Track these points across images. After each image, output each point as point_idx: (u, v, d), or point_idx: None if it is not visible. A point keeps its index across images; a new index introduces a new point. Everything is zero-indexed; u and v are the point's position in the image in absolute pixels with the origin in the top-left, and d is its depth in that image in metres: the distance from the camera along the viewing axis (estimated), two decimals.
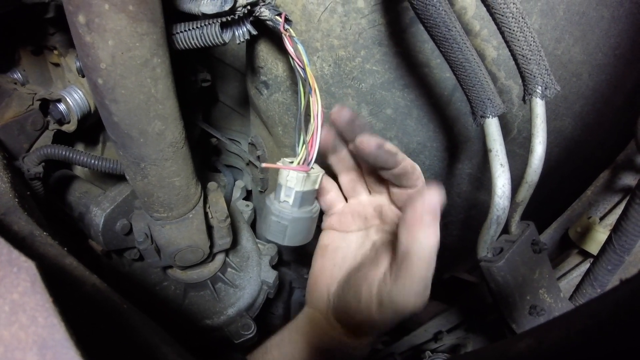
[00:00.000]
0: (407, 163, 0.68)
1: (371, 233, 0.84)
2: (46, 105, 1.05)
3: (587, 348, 0.32)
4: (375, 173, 0.77)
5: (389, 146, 0.65)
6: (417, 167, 0.72)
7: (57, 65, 1.11)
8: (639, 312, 0.29)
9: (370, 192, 0.83)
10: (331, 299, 0.80)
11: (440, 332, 1.43)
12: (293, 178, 0.69)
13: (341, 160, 0.79)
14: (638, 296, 0.30)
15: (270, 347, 0.86)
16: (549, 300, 0.90)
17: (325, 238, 0.87)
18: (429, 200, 0.63)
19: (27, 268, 0.33)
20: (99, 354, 0.42)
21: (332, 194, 0.85)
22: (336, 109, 0.68)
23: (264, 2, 0.82)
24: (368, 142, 0.64)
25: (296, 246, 0.75)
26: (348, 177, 0.83)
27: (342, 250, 0.84)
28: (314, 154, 0.71)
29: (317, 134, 0.70)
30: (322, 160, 0.79)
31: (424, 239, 0.62)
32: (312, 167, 0.72)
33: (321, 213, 0.84)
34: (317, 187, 0.73)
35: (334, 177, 0.85)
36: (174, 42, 0.82)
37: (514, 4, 0.65)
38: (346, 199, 0.87)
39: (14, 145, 1.00)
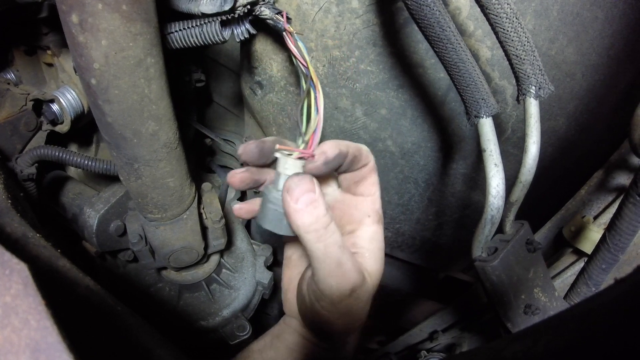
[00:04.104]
0: (354, 149, 0.70)
1: None
2: (39, 105, 1.04)
3: (582, 347, 0.32)
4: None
5: (330, 152, 0.67)
6: (364, 147, 0.73)
7: (50, 65, 1.11)
8: (633, 311, 0.29)
9: None
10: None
11: (436, 331, 1.44)
12: (291, 165, 0.69)
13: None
14: (632, 295, 0.30)
15: (252, 352, 0.86)
16: (544, 300, 0.90)
17: (288, 249, 0.86)
18: (299, 183, 0.64)
19: (19, 270, 0.33)
20: (92, 357, 0.42)
21: None
22: (241, 148, 0.69)
23: (264, 1, 0.82)
24: (317, 166, 0.67)
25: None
26: None
27: (306, 257, 0.82)
28: (314, 145, 0.71)
29: (319, 127, 0.71)
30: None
31: (297, 221, 0.63)
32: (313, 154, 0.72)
33: None
34: None
35: None
36: (171, 41, 0.82)
37: (507, 4, 0.65)
38: None
39: (7, 146, 1.00)
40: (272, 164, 0.72)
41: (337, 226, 0.69)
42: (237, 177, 0.72)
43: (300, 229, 0.64)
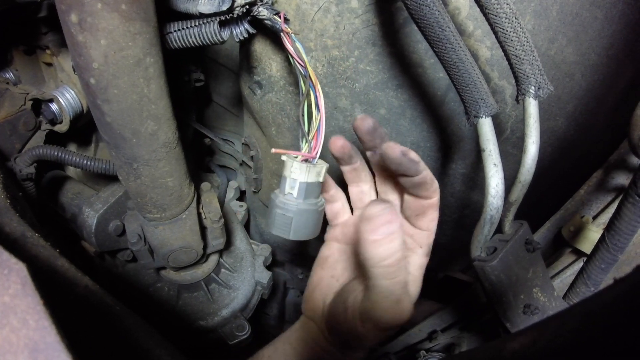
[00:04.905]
0: (427, 173, 0.69)
1: None
2: (38, 105, 1.04)
3: (581, 347, 0.32)
4: (389, 183, 0.77)
5: (413, 155, 0.66)
6: (436, 181, 0.72)
7: (49, 64, 1.10)
8: (632, 311, 0.29)
9: None
10: (325, 309, 0.80)
11: (435, 331, 1.44)
12: (297, 169, 0.69)
13: (354, 170, 0.79)
14: (632, 295, 0.30)
15: (261, 357, 0.86)
16: (543, 299, 0.90)
17: (327, 249, 0.85)
18: (380, 212, 0.60)
19: (17, 270, 0.33)
20: (91, 357, 0.42)
21: (338, 204, 0.84)
22: (360, 117, 0.69)
23: (262, 1, 0.82)
24: (394, 148, 0.64)
25: (295, 245, 0.73)
26: (358, 189, 0.82)
27: (343, 262, 0.83)
28: (318, 146, 0.71)
29: (322, 126, 0.70)
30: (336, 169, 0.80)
31: (369, 252, 0.60)
32: (317, 159, 0.72)
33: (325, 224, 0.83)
34: (321, 179, 0.72)
35: (344, 188, 0.84)
36: (170, 41, 0.82)
37: (507, 4, 0.65)
38: (352, 211, 0.85)
39: (6, 146, 1.00)
40: (374, 148, 0.71)
41: None
42: (340, 142, 0.72)
43: (370, 260, 0.60)
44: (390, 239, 0.59)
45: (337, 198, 0.84)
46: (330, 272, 0.83)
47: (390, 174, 0.75)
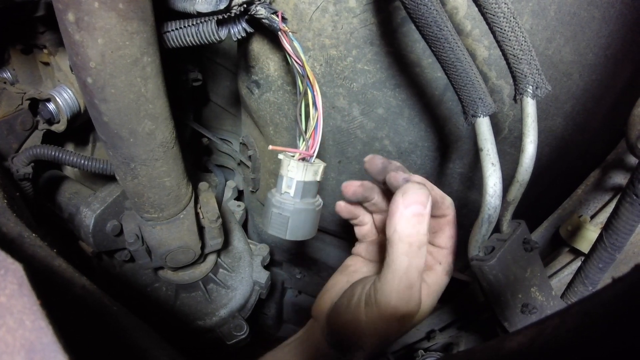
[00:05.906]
0: (435, 193, 0.71)
1: None
2: (35, 104, 1.04)
3: (579, 346, 0.32)
4: None
5: (417, 178, 0.69)
6: (448, 198, 0.75)
7: (46, 64, 1.10)
8: (631, 311, 0.29)
9: None
10: (331, 306, 0.81)
11: (433, 330, 1.44)
12: (294, 167, 0.69)
13: (374, 205, 0.82)
14: (630, 295, 0.30)
15: (263, 358, 0.87)
16: (541, 299, 0.90)
17: (350, 260, 0.90)
18: (417, 190, 0.64)
19: (14, 270, 0.32)
20: (88, 358, 0.42)
21: (367, 227, 0.88)
22: (368, 158, 0.72)
23: (260, 0, 0.82)
24: (396, 178, 0.68)
25: (293, 245, 0.73)
26: (381, 216, 0.86)
27: (362, 273, 0.87)
28: (316, 145, 0.71)
29: (320, 125, 0.70)
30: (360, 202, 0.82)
31: (397, 225, 0.63)
32: (314, 157, 0.72)
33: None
34: (319, 179, 0.73)
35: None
36: (167, 40, 0.81)
37: (505, 3, 0.65)
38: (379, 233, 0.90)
39: (3, 146, 0.99)
40: (385, 184, 0.73)
41: None
42: (352, 188, 0.76)
43: (397, 233, 0.63)
44: (419, 220, 0.63)
45: (365, 222, 0.88)
46: (346, 278, 0.85)
47: None
